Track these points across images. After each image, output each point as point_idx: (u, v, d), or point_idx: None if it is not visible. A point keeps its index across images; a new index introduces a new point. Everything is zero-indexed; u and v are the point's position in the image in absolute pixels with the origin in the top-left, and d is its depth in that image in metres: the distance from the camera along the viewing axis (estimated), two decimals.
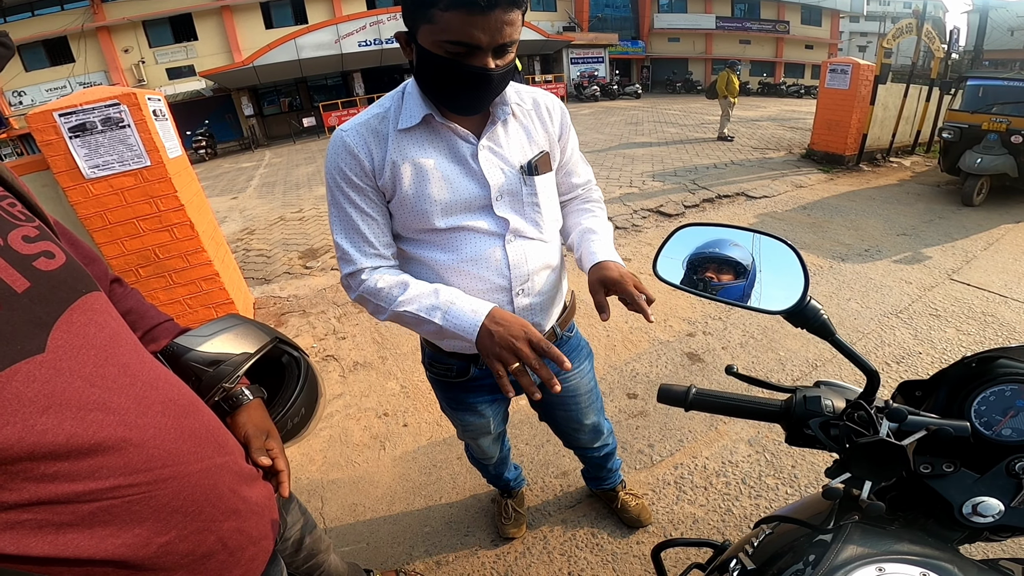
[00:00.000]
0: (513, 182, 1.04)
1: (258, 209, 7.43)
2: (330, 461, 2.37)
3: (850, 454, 0.65)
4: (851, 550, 0.60)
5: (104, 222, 2.84)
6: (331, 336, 3.44)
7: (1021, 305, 3.35)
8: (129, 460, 0.54)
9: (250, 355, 0.87)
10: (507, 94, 1.03)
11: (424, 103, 0.98)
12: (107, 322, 0.61)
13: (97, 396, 0.53)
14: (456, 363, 1.23)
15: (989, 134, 5.55)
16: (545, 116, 1.12)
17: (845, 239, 4.68)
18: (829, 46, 34.19)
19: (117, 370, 0.57)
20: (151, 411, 0.58)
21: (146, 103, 2.81)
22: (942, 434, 0.64)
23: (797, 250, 0.71)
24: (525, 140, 1.08)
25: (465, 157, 1.02)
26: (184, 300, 3.16)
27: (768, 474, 2.09)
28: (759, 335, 3.05)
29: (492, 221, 1.05)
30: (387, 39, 19.43)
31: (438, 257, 1.05)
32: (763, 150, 8.86)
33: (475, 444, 1.53)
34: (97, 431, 0.51)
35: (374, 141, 0.99)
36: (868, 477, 0.65)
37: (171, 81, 22.22)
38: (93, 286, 0.62)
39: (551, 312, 1.19)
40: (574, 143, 1.22)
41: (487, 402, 1.35)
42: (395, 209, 1.04)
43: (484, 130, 1.02)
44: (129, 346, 0.63)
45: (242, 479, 0.70)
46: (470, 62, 0.85)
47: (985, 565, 0.61)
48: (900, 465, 0.63)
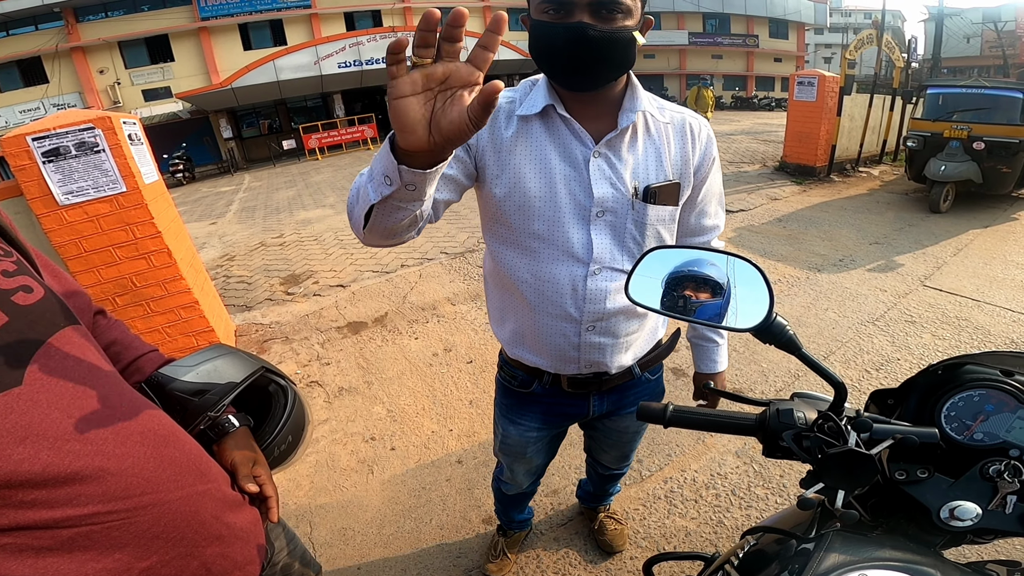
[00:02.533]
0: (621, 203, 0.95)
1: (238, 235, 7.35)
2: (318, 486, 2.33)
3: (822, 465, 0.66)
4: (833, 558, 0.61)
5: (79, 250, 2.78)
6: (315, 362, 3.40)
7: (993, 308, 3.46)
8: (107, 488, 0.55)
9: (236, 384, 0.87)
10: (639, 100, 0.94)
11: (549, 94, 0.93)
12: (85, 355, 0.62)
13: (73, 427, 0.55)
14: (521, 374, 1.20)
15: (951, 141, 5.75)
16: (688, 140, 1.00)
17: (820, 250, 4.80)
18: (796, 59, 35.36)
19: (95, 402, 0.58)
20: (129, 441, 0.60)
21: (121, 127, 2.77)
22: (908, 442, 0.65)
23: (760, 269, 0.72)
24: (653, 160, 0.97)
25: (577, 159, 0.94)
26: (163, 329, 3.09)
27: (757, 485, 2.11)
28: (741, 348, 3.10)
29: (583, 242, 0.96)
30: (367, 60, 19.49)
31: (517, 266, 1.01)
32: (738, 164, 9.07)
33: (508, 466, 1.45)
34: (73, 461, 0.53)
35: (494, 117, 0.94)
36: (840, 486, 0.66)
37: (147, 103, 22.04)
38: (72, 320, 0.64)
39: (630, 353, 1.12)
40: (715, 180, 1.08)
41: (535, 423, 1.29)
42: (487, 198, 0.98)
43: (605, 136, 0.94)
44: (108, 378, 0.64)
45: (226, 506, 0.71)
46: (566, 20, 0.83)
47: (970, 568, 0.62)
48: (871, 473, 0.64)
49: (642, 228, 0.98)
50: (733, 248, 4.70)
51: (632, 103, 0.94)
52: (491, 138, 0.95)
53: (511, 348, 1.16)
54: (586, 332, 1.03)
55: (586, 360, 1.08)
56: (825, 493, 0.67)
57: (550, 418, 1.28)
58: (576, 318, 1.01)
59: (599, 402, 1.22)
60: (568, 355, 1.07)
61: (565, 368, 1.11)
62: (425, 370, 3.17)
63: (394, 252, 5.45)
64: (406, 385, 3.03)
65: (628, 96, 0.95)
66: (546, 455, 1.43)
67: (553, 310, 1.01)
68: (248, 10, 23.09)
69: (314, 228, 7.07)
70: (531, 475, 1.50)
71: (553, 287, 0.99)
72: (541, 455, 1.41)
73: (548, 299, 1.01)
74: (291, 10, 23.81)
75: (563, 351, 1.07)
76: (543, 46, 0.87)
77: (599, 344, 1.05)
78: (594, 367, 1.10)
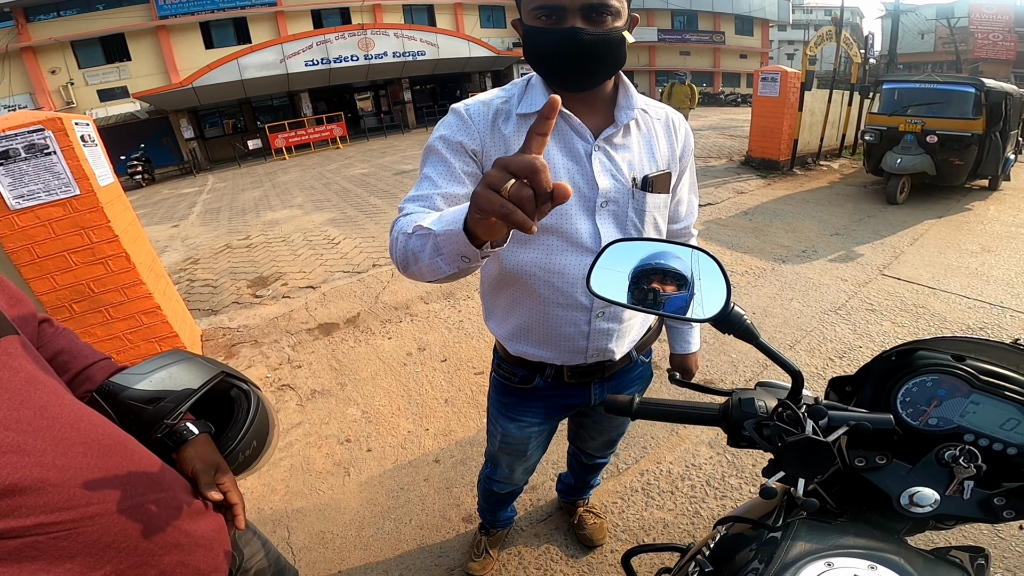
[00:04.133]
0: (622, 193, 1.00)
1: (202, 237, 7.13)
2: (293, 490, 2.29)
3: (781, 453, 0.66)
4: (800, 547, 0.61)
5: (32, 256, 2.65)
6: (286, 365, 3.32)
7: (949, 296, 3.62)
8: (49, 499, 0.55)
9: (193, 391, 0.86)
10: (633, 98, 1.00)
11: (547, 91, 0.97)
12: (22, 366, 0.61)
13: (11, 439, 0.54)
14: (522, 371, 1.21)
15: (906, 135, 5.98)
16: (672, 133, 1.07)
17: (784, 241, 4.93)
18: (761, 55, 36.30)
19: (33, 413, 0.58)
20: (71, 451, 0.59)
21: (73, 128, 2.66)
22: (862, 428, 0.66)
23: (717, 260, 0.73)
24: (646, 153, 1.03)
25: (579, 153, 0.98)
26: (124, 335, 2.98)
27: (731, 474, 2.15)
28: (712, 339, 3.16)
29: (588, 232, 0.99)
30: (335, 58, 19.16)
31: (527, 260, 1.02)
32: (705, 158, 9.25)
33: (506, 464, 1.46)
34: (11, 473, 0.52)
35: (494, 117, 0.97)
36: (800, 474, 0.66)
37: (103, 103, 21.17)
38: (9, 330, 0.64)
39: (629, 337, 1.16)
40: (691, 171, 1.16)
41: (537, 419, 1.30)
42: None
43: (603, 131, 0.98)
44: (47, 389, 0.63)
45: (184, 513, 0.71)
46: (559, 26, 0.86)
47: (933, 554, 0.63)
48: (829, 460, 0.64)
49: (641, 215, 1.03)
50: (702, 241, 4.80)
51: (628, 100, 0.99)
52: (494, 139, 0.97)
53: (513, 345, 1.17)
54: (596, 319, 1.06)
55: (594, 347, 1.11)
56: (787, 481, 0.67)
57: (551, 411, 1.30)
58: (587, 306, 1.04)
59: (599, 389, 1.24)
60: (577, 344, 1.10)
61: (572, 359, 1.14)
62: (399, 370, 3.13)
63: (365, 252, 5.37)
64: (380, 385, 2.99)
65: (622, 94, 1.00)
66: (542, 450, 1.46)
67: (564, 300, 1.04)
68: (210, 8, 22.35)
69: (282, 229, 6.92)
70: (527, 472, 1.52)
71: (564, 278, 1.02)
72: (540, 450, 1.43)
73: (559, 290, 1.03)
74: (256, 8, 23.17)
75: (573, 340, 1.09)
76: (539, 51, 0.91)
77: (607, 330, 1.09)
78: (600, 354, 1.13)
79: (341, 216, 7.25)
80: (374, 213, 7.19)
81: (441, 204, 0.91)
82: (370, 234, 6.06)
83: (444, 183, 0.93)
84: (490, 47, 22.17)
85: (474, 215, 0.62)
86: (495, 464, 1.50)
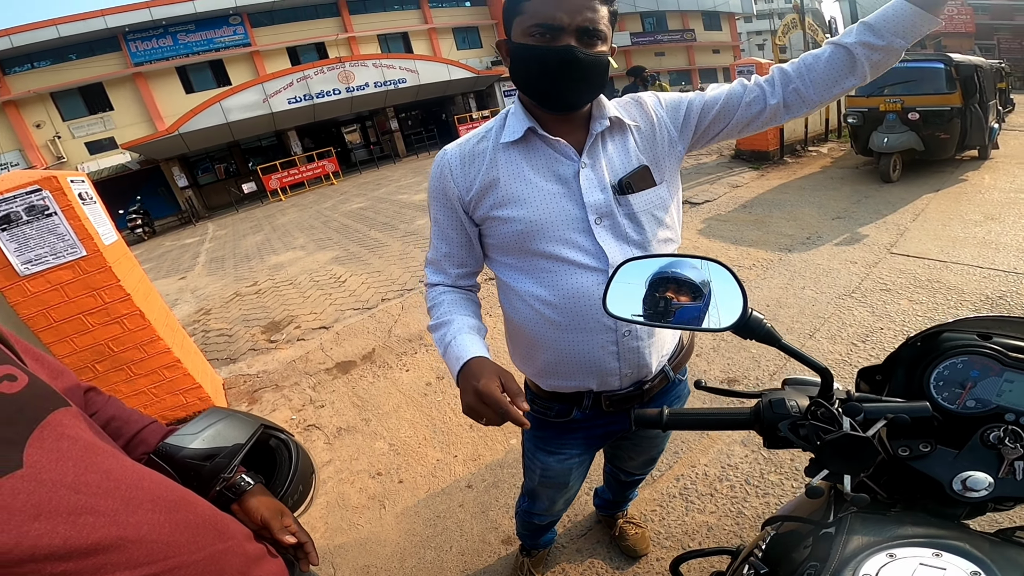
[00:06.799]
0: (609, 203, 0.98)
1: (210, 287, 7.16)
2: (332, 527, 2.29)
3: (822, 452, 0.65)
4: (857, 540, 0.60)
5: (48, 320, 2.67)
6: (309, 406, 3.33)
7: (961, 267, 3.62)
8: (131, 555, 0.58)
9: (242, 445, 0.90)
10: (605, 107, 1.00)
11: (527, 117, 0.98)
12: (80, 434, 0.64)
13: (84, 502, 0.57)
14: (557, 405, 1.19)
15: (888, 114, 6.04)
16: (643, 114, 1.04)
17: (787, 230, 4.95)
18: (732, 48, 36.73)
19: (99, 476, 0.61)
20: (140, 509, 0.62)
21: (69, 186, 2.66)
22: (900, 420, 0.65)
23: (729, 267, 0.73)
24: (621, 154, 1.01)
25: (566, 176, 0.98)
26: (148, 390, 2.99)
27: (769, 471, 2.14)
28: (730, 337, 3.16)
29: (592, 251, 0.98)
30: (317, 93, 19.39)
31: (537, 292, 1.02)
32: (696, 156, 9.31)
33: (546, 498, 1.42)
34: (91, 533, 0.55)
35: (469, 161, 1.02)
36: (844, 471, 0.65)
37: (92, 156, 21.33)
38: (61, 402, 0.66)
39: (661, 352, 1.12)
40: (705, 95, 1.06)
41: (577, 450, 1.28)
42: (487, 229, 1.05)
43: (584, 146, 0.99)
44: (107, 453, 0.66)
45: (249, 560, 0.75)
46: (554, 44, 0.88)
47: (998, 537, 0.61)
48: (872, 455, 0.63)
49: (635, 219, 1.00)
50: (704, 239, 4.83)
51: (601, 111, 1.00)
52: (472, 177, 1.01)
53: (545, 380, 1.16)
54: (624, 338, 1.03)
55: (627, 367, 1.08)
56: (832, 479, 0.66)
57: (592, 440, 1.27)
58: (611, 326, 1.02)
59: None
60: (609, 367, 1.07)
61: (608, 383, 1.10)
62: (420, 400, 3.13)
63: (373, 287, 5.39)
64: (404, 417, 2.99)
65: (595, 107, 1.01)
66: (583, 479, 1.42)
67: (587, 324, 1.01)
68: (184, 52, 22.71)
69: (287, 272, 6.95)
70: (568, 502, 1.49)
71: (580, 302, 1.00)
72: (580, 480, 1.41)
73: (579, 315, 1.01)
74: (230, 49, 23.54)
75: (604, 364, 1.06)
76: (532, 68, 0.92)
77: (637, 347, 1.05)
78: (636, 372, 1.10)
79: (344, 254, 7.28)
80: (376, 247, 7.21)
81: (448, 266, 1.11)
82: (375, 269, 6.07)
83: (443, 245, 1.10)
84: (469, 68, 22.45)
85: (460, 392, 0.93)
86: (534, 498, 1.47)
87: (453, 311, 1.06)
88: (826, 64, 0.95)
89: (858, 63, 0.93)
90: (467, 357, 0.94)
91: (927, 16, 0.88)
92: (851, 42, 0.93)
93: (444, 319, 1.05)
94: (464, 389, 0.91)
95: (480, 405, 0.87)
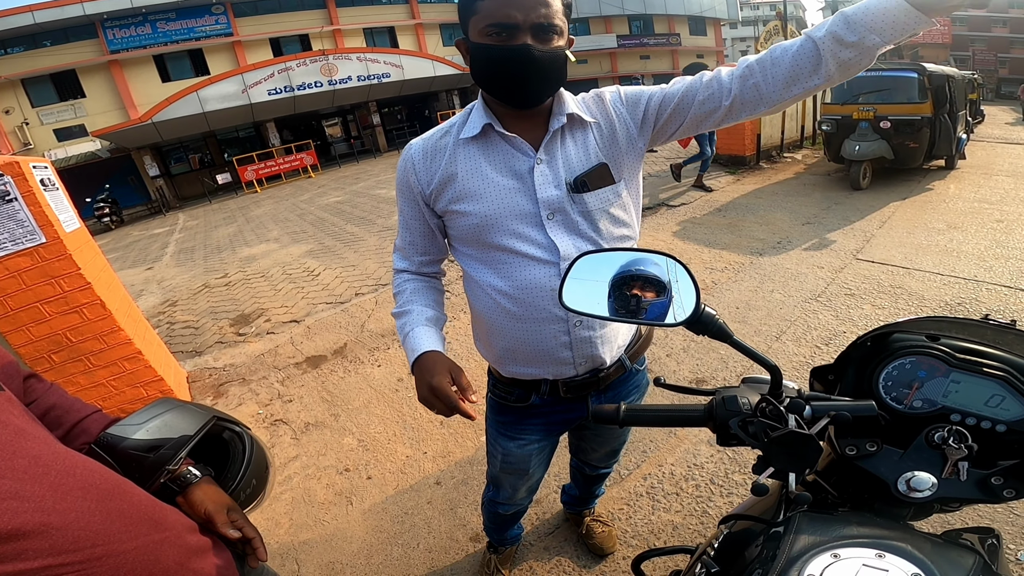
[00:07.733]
0: (563, 200, 0.99)
1: (178, 278, 6.97)
2: (297, 523, 2.25)
3: (768, 449, 0.65)
4: (804, 540, 0.60)
5: (4, 309, 2.57)
6: (277, 400, 3.26)
7: (923, 274, 3.73)
8: (54, 542, 0.57)
9: (190, 437, 0.89)
10: (565, 103, 1.00)
11: (486, 113, 0.99)
12: (9, 420, 0.64)
13: (9, 487, 0.56)
14: (517, 390, 1.21)
15: (861, 122, 6.19)
16: (602, 109, 1.02)
17: (759, 234, 5.04)
18: (716, 54, 37.26)
19: (28, 462, 0.60)
20: (70, 496, 0.61)
21: (32, 172, 2.58)
22: (842, 418, 0.65)
23: (683, 263, 0.73)
24: (581, 152, 1.01)
25: (521, 172, 0.99)
26: (108, 383, 2.89)
27: (734, 471, 2.17)
28: (699, 339, 3.18)
29: (544, 245, 1.00)
30: (299, 85, 19.05)
31: (494, 282, 1.05)
32: (675, 159, 9.39)
33: (509, 485, 1.43)
34: (12, 518, 0.54)
35: (431, 156, 1.05)
36: (789, 468, 0.65)
37: (61, 143, 20.64)
38: None
39: (616, 343, 1.13)
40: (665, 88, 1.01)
41: (537, 435, 1.29)
42: (447, 221, 1.08)
43: (541, 142, 0.99)
44: (38, 439, 0.65)
45: (189, 552, 0.74)
46: (511, 43, 0.89)
47: (943, 538, 0.62)
48: (815, 453, 0.63)
49: (590, 216, 1.01)
50: (679, 242, 4.89)
51: (560, 107, 1.00)
52: (434, 170, 1.04)
53: (504, 366, 1.18)
54: (575, 328, 1.05)
55: (580, 357, 1.09)
56: (778, 476, 0.66)
57: (551, 427, 1.30)
58: (563, 317, 1.03)
59: (597, 401, 1.24)
60: (563, 356, 1.09)
61: (563, 371, 1.12)
62: (391, 396, 3.10)
63: (347, 282, 5.32)
64: (374, 413, 2.96)
65: (556, 103, 1.01)
66: (545, 467, 1.45)
67: (539, 315, 1.03)
68: (162, 41, 22.09)
69: (260, 264, 6.81)
70: (531, 491, 1.51)
71: (533, 293, 1.02)
72: (542, 467, 1.43)
73: (531, 305, 1.03)
74: (211, 39, 22.98)
75: (557, 354, 1.08)
76: (491, 68, 0.94)
77: (588, 337, 1.07)
78: (589, 362, 1.12)
79: (319, 247, 7.18)
80: (352, 241, 7.13)
81: (412, 254, 1.17)
82: (350, 263, 6.00)
83: (407, 234, 1.15)
84: (454, 64, 22.32)
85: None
86: (497, 486, 1.48)
87: (414, 300, 1.13)
88: (792, 59, 0.88)
89: (823, 61, 0.85)
90: (421, 350, 1.01)
91: (918, 15, 0.78)
92: (820, 36, 0.85)
93: (405, 308, 1.12)
94: (419, 381, 0.98)
95: (432, 398, 0.95)
